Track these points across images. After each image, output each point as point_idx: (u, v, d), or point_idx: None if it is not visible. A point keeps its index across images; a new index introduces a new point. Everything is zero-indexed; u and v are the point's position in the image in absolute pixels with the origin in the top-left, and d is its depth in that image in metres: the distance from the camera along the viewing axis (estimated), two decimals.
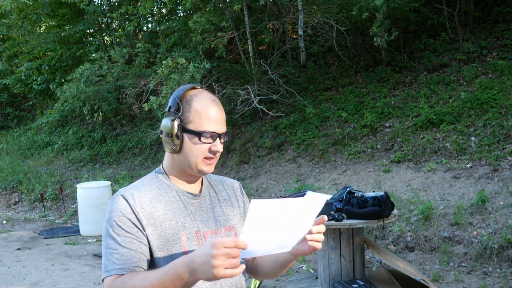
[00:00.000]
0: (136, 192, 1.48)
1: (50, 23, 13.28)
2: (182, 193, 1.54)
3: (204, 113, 1.48)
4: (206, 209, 1.56)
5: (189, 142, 1.48)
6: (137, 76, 9.40)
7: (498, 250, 5.06)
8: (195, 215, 1.52)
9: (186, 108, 1.49)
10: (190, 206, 1.53)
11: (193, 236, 1.48)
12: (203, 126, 1.47)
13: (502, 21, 8.68)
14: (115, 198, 1.47)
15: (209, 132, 1.47)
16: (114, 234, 1.42)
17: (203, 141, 1.47)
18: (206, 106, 1.48)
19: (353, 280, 4.24)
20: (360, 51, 9.69)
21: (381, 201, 4.07)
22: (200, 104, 1.49)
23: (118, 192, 1.49)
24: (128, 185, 1.54)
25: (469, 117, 7.05)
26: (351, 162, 7.47)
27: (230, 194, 1.66)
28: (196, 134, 1.47)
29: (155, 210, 1.47)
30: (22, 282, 5.49)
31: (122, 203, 1.45)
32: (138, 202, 1.45)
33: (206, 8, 9.71)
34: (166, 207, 1.48)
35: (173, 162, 1.54)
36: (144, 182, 1.54)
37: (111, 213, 1.45)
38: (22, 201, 9.62)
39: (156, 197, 1.49)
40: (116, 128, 11.81)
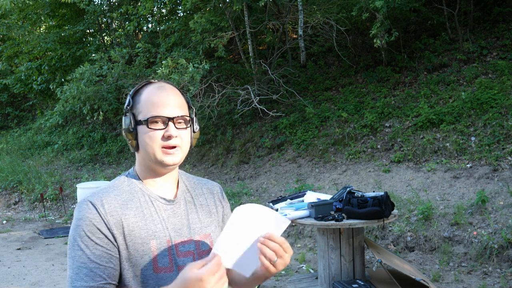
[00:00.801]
0: (106, 197, 1.38)
1: (50, 23, 13.28)
2: (155, 198, 1.44)
3: (150, 99, 1.40)
4: (180, 216, 1.46)
5: (143, 134, 1.40)
6: (137, 76, 9.40)
7: (498, 250, 5.06)
8: (168, 222, 1.42)
9: (136, 101, 1.43)
10: (162, 213, 1.42)
11: (163, 246, 1.39)
12: (149, 112, 1.39)
13: (502, 21, 8.68)
14: (83, 205, 1.36)
15: (156, 117, 1.38)
16: (82, 245, 1.32)
17: (152, 128, 1.38)
18: (152, 93, 1.42)
19: (353, 280, 4.24)
20: (360, 51, 9.69)
21: (381, 201, 4.07)
22: (146, 93, 1.42)
23: (86, 198, 1.39)
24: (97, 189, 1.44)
25: (469, 117, 7.05)
26: (351, 162, 7.47)
27: (208, 199, 1.56)
28: (145, 122, 1.38)
29: (125, 217, 1.37)
30: (22, 282, 5.49)
31: (91, 210, 1.35)
32: (107, 209, 1.36)
33: (206, 8, 9.71)
34: (136, 214, 1.39)
35: (140, 162, 1.47)
36: (114, 184, 1.44)
37: (79, 221, 1.34)
38: (22, 201, 9.62)
39: (126, 202, 1.40)
40: (116, 128, 11.81)
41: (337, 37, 8.97)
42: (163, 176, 1.46)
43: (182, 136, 1.42)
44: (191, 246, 1.44)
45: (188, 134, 1.46)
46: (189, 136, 1.47)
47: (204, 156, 9.48)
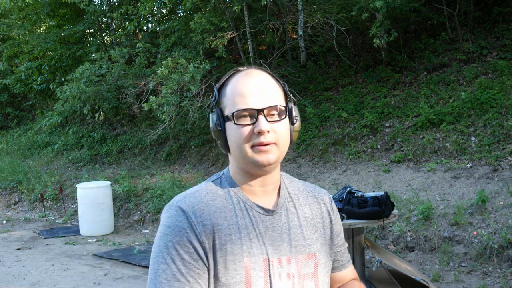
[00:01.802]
0: (198, 203, 1.19)
1: (50, 23, 13.28)
2: (252, 206, 1.22)
3: (235, 90, 1.19)
4: (280, 230, 1.22)
5: (230, 132, 1.19)
6: (137, 76, 9.40)
7: (498, 250, 5.06)
8: (265, 237, 1.20)
9: (222, 94, 1.23)
10: (260, 225, 1.20)
11: (259, 266, 1.17)
12: (235, 105, 1.18)
13: (502, 21, 8.67)
14: (171, 210, 1.19)
15: (242, 110, 1.16)
16: (168, 258, 1.14)
17: (239, 123, 1.17)
18: (237, 82, 1.20)
19: None
20: (360, 51, 9.69)
21: (381, 201, 4.06)
22: (232, 83, 1.21)
23: (175, 202, 1.21)
24: (188, 190, 1.26)
25: (469, 117, 7.05)
26: (351, 162, 7.47)
27: (314, 210, 1.31)
28: (231, 117, 1.18)
29: (217, 227, 1.17)
30: (22, 282, 5.49)
31: (181, 219, 1.17)
32: (199, 217, 1.17)
33: (206, 8, 9.71)
34: (230, 225, 1.18)
35: (233, 164, 1.25)
36: (208, 187, 1.24)
37: (166, 229, 1.17)
38: (22, 201, 9.62)
39: (220, 210, 1.19)
40: (116, 128, 11.81)
41: (337, 37, 8.97)
42: (260, 179, 1.24)
43: (277, 130, 1.18)
44: (292, 268, 1.21)
45: (286, 127, 1.22)
46: (287, 129, 1.22)
47: (204, 156, 9.48)
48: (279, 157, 1.20)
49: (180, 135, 10.05)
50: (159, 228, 1.20)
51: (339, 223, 1.36)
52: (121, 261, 6.09)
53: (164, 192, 7.97)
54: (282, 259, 1.20)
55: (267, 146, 1.16)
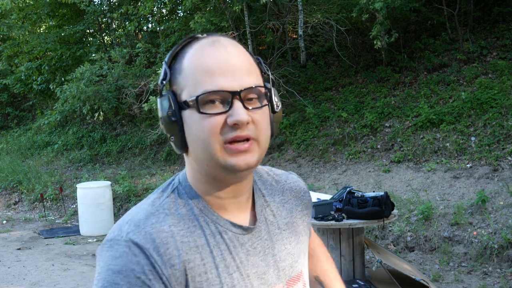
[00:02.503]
0: (158, 234, 0.83)
1: (50, 23, 13.29)
2: (225, 226, 0.89)
3: (198, 64, 0.84)
4: (263, 251, 0.92)
5: (192, 124, 0.84)
6: (137, 76, 9.40)
7: (498, 250, 5.06)
8: (247, 266, 0.89)
9: (176, 70, 0.87)
10: (239, 251, 0.89)
11: None
12: (199, 86, 0.83)
13: (502, 21, 8.67)
14: (120, 247, 0.81)
15: (212, 93, 0.82)
16: None
17: (206, 112, 0.82)
18: (201, 54, 0.84)
19: (353, 280, 4.24)
20: (360, 51, 9.69)
21: (381, 201, 4.07)
22: (193, 54, 0.85)
23: (125, 234, 0.83)
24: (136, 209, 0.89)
25: (469, 117, 7.05)
26: (351, 162, 7.47)
27: (293, 209, 1.01)
28: (193, 104, 0.83)
29: (189, 266, 0.83)
30: (22, 282, 5.49)
31: (138, 260, 0.80)
32: (164, 256, 0.82)
33: (206, 8, 9.71)
34: (204, 259, 0.85)
35: (193, 168, 0.91)
36: (164, 205, 0.87)
37: (116, 277, 0.79)
38: (22, 201, 9.62)
39: (188, 239, 0.85)
40: (116, 128, 11.81)
41: (337, 37, 8.97)
42: (232, 188, 0.90)
43: (258, 121, 0.85)
44: None
45: (266, 117, 0.89)
46: (268, 120, 0.89)
47: None
48: (260, 157, 0.87)
49: None
50: (101, 273, 0.81)
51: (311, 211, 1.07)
52: None
53: None
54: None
55: (245, 144, 0.83)
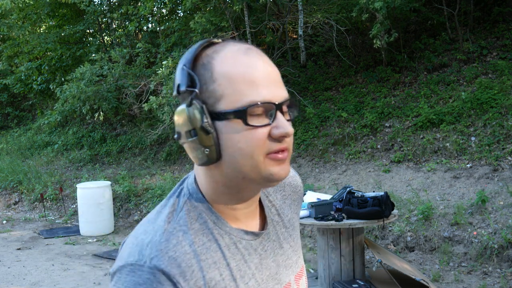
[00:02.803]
0: (182, 257, 0.81)
1: (50, 23, 13.29)
2: (239, 236, 0.89)
3: (240, 72, 0.81)
4: (272, 253, 0.94)
5: (230, 135, 0.81)
6: (137, 76, 9.40)
7: (498, 250, 5.06)
8: (261, 270, 0.91)
9: (206, 77, 0.83)
10: (253, 258, 0.90)
11: None
12: (245, 96, 0.80)
13: (502, 21, 8.68)
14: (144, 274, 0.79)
15: (260, 104, 0.80)
16: None
17: (253, 124, 0.81)
18: (240, 61, 0.82)
19: (353, 280, 4.24)
20: (360, 51, 9.69)
21: (381, 201, 4.07)
22: (227, 62, 0.82)
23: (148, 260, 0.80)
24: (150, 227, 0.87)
25: (469, 117, 7.05)
26: (351, 162, 7.47)
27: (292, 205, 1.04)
28: (238, 114, 0.80)
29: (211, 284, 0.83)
30: (22, 282, 5.49)
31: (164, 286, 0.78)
32: (190, 281, 0.80)
33: (206, 8, 9.72)
34: (223, 274, 0.85)
35: (214, 180, 0.87)
36: (182, 222, 0.86)
37: None
38: (22, 201, 9.62)
39: (206, 256, 0.84)
40: (116, 128, 11.81)
41: (337, 37, 8.97)
42: (251, 199, 0.90)
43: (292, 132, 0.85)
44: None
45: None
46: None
47: None
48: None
49: None
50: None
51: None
52: None
53: (164, 192, 7.97)
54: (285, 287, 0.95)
55: (284, 153, 0.83)
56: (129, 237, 0.90)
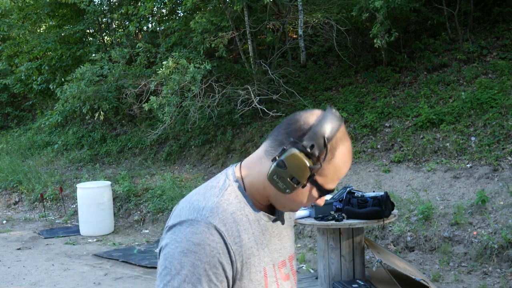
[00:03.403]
0: (228, 219, 1.13)
1: (50, 23, 13.28)
2: (260, 217, 1.21)
3: (341, 171, 1.16)
4: (279, 234, 1.28)
5: (306, 192, 1.16)
6: (137, 76, 9.40)
7: (498, 250, 5.06)
8: (271, 243, 1.24)
9: (329, 157, 1.13)
10: (267, 233, 1.22)
11: (271, 272, 1.22)
12: (332, 184, 1.16)
13: (502, 21, 8.68)
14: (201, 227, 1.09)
15: (330, 190, 1.18)
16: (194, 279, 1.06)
17: (315, 196, 1.18)
18: (345, 164, 1.16)
19: (353, 280, 4.24)
20: (360, 51, 9.69)
21: (381, 201, 4.07)
22: (341, 159, 1.15)
23: (205, 217, 1.11)
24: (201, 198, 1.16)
25: (469, 117, 7.05)
26: (351, 162, 7.46)
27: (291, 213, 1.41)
28: (321, 190, 1.16)
29: (242, 243, 1.14)
30: (22, 282, 5.49)
31: (214, 238, 1.09)
32: (232, 237, 1.12)
33: (206, 8, 9.72)
34: (249, 237, 1.16)
35: (266, 193, 1.19)
36: (225, 198, 1.16)
37: (196, 248, 1.08)
38: (22, 201, 9.62)
39: (241, 223, 1.16)
40: (116, 128, 11.81)
41: (337, 37, 8.97)
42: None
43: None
44: (288, 268, 1.30)
45: None
46: None
47: (204, 156, 9.48)
48: None
49: (180, 135, 10.05)
50: (181, 241, 1.08)
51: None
52: (121, 261, 6.09)
53: (164, 192, 7.97)
54: (282, 262, 1.27)
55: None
56: (182, 203, 1.19)
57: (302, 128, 1.13)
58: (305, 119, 1.14)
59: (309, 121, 1.13)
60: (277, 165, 1.11)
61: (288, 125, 1.15)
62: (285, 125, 1.16)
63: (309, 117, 1.14)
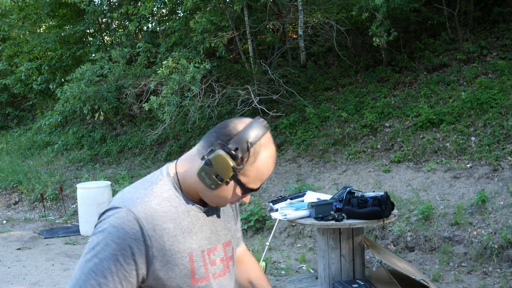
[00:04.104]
0: (149, 208, 1.27)
1: (50, 23, 13.28)
2: (191, 207, 1.36)
3: (263, 174, 1.31)
4: (210, 223, 1.41)
5: (230, 189, 1.31)
6: (137, 76, 9.40)
7: (498, 250, 5.06)
8: (202, 231, 1.37)
9: (251, 161, 1.28)
10: (197, 223, 1.36)
11: (199, 257, 1.36)
12: (254, 184, 1.31)
13: (502, 21, 8.68)
14: (121, 212, 1.25)
15: (253, 189, 1.33)
16: (104, 262, 1.21)
17: (239, 194, 1.33)
18: (267, 168, 1.31)
19: (353, 280, 4.24)
20: (360, 51, 9.69)
21: (381, 201, 4.07)
22: (263, 163, 1.30)
23: (128, 206, 1.26)
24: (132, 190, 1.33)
25: (469, 117, 7.05)
26: (351, 162, 7.47)
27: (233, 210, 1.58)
28: (244, 189, 1.31)
29: (166, 231, 1.28)
30: (22, 282, 5.49)
31: (130, 224, 1.23)
32: (150, 224, 1.25)
33: (206, 8, 9.72)
34: (176, 226, 1.30)
35: (197, 188, 1.34)
36: (155, 191, 1.31)
37: (112, 229, 1.22)
38: (22, 201, 9.62)
39: (167, 213, 1.30)
40: (116, 128, 11.81)
41: (337, 37, 8.97)
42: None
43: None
44: (220, 253, 1.43)
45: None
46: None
47: None
48: None
49: (180, 135, 10.05)
50: (104, 224, 1.25)
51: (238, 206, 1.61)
52: None
53: None
54: (212, 248, 1.40)
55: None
56: (118, 193, 1.34)
57: (231, 133, 1.28)
58: (234, 125, 1.30)
59: (238, 128, 1.29)
60: (205, 163, 1.27)
61: (220, 129, 1.32)
62: (217, 129, 1.33)
63: (238, 124, 1.30)
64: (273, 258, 5.86)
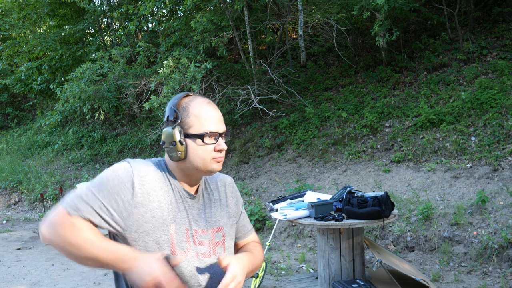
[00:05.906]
0: (145, 168, 1.51)
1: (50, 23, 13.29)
2: (180, 190, 1.56)
3: (203, 115, 1.52)
4: (198, 210, 1.59)
5: (194, 146, 1.51)
6: (137, 76, 9.40)
7: (498, 250, 5.06)
8: (188, 213, 1.56)
9: (184, 115, 1.53)
10: (184, 204, 1.56)
11: (182, 233, 1.52)
12: (204, 127, 1.51)
13: (502, 21, 8.68)
14: (123, 163, 1.51)
15: (210, 132, 1.51)
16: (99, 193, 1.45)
17: (206, 142, 1.51)
18: (203, 109, 1.53)
19: (353, 280, 4.24)
20: (360, 51, 9.69)
21: (381, 201, 4.06)
22: (196, 108, 1.53)
23: (130, 161, 1.52)
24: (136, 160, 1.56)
25: (469, 117, 7.05)
26: (351, 162, 7.47)
27: (221, 192, 1.71)
28: (199, 136, 1.51)
29: (154, 192, 1.49)
30: (22, 282, 5.49)
31: (127, 171, 1.48)
32: (142, 177, 1.48)
33: (206, 7, 9.72)
34: (163, 196, 1.51)
35: (178, 167, 1.56)
36: (152, 164, 1.56)
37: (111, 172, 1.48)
38: (22, 201, 9.62)
39: (158, 182, 1.52)
40: (116, 128, 11.81)
41: (337, 37, 8.97)
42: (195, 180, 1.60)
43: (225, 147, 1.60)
44: (207, 237, 1.59)
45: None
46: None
47: None
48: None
49: None
50: (108, 169, 1.52)
51: (240, 200, 1.77)
52: None
53: None
54: (199, 231, 1.57)
55: (222, 158, 1.56)
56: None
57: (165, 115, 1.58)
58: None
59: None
60: (163, 146, 1.54)
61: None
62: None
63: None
64: (273, 258, 5.86)
